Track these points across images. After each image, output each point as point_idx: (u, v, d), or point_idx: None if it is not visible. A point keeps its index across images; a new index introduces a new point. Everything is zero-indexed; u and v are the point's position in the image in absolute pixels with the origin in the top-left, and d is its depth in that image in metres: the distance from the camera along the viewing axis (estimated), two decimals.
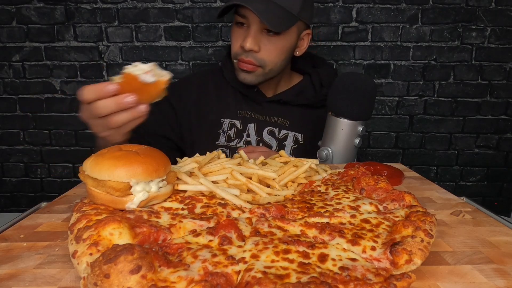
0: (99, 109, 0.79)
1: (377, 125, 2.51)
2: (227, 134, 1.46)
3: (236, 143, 1.45)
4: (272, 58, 1.34)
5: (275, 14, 1.24)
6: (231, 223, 0.59)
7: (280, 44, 1.33)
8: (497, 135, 2.51)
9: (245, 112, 1.48)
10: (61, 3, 2.33)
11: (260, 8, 1.21)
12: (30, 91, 2.47)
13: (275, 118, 1.48)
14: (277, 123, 1.47)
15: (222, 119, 1.47)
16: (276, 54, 1.34)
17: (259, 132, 1.47)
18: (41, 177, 2.61)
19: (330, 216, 0.66)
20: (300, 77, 1.55)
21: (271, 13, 1.23)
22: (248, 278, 0.46)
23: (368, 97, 1.19)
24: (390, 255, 0.52)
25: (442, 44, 2.38)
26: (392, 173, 0.96)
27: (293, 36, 1.35)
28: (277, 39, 1.31)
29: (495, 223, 0.72)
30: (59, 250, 0.61)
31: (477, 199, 1.14)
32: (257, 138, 1.46)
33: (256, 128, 1.47)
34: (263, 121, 1.47)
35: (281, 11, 1.26)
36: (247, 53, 1.31)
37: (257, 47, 1.30)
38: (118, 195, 0.66)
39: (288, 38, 1.34)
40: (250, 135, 1.46)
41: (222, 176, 0.79)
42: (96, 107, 0.79)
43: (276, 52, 1.33)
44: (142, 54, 2.42)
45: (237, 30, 1.34)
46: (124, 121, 0.80)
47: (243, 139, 1.46)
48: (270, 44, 1.31)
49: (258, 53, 1.31)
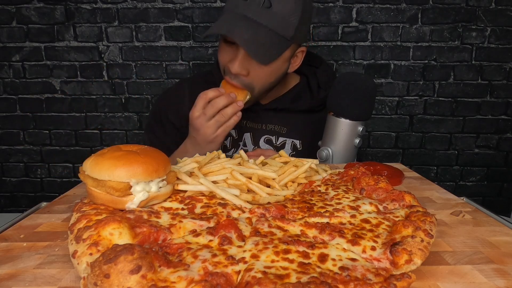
0: (216, 103, 1.15)
1: (377, 125, 2.51)
2: (223, 144, 1.40)
3: (232, 152, 1.42)
4: (261, 82, 1.25)
5: (263, 43, 1.14)
6: (231, 223, 0.59)
7: (270, 69, 1.23)
8: (497, 135, 2.51)
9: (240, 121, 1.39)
10: (61, 3, 2.33)
11: (246, 36, 1.11)
12: (30, 91, 2.47)
13: (271, 126, 1.42)
14: (274, 131, 1.42)
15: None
16: (266, 79, 1.25)
17: (256, 141, 1.41)
18: (41, 177, 2.61)
19: (330, 216, 0.66)
20: (297, 78, 1.49)
21: (258, 43, 1.13)
22: (248, 278, 0.46)
23: (368, 97, 1.19)
24: (390, 255, 0.52)
25: (442, 44, 2.38)
26: (392, 173, 0.96)
27: (285, 59, 1.26)
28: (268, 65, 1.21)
29: (495, 223, 0.72)
30: (59, 250, 0.61)
31: (477, 199, 1.14)
32: (254, 148, 1.41)
33: (253, 137, 1.41)
34: (260, 130, 1.41)
35: (272, 37, 1.15)
36: (233, 76, 1.22)
37: (245, 71, 1.20)
38: (118, 195, 0.66)
39: (280, 62, 1.24)
40: (247, 144, 1.42)
41: (222, 176, 0.79)
42: (215, 102, 1.16)
43: (265, 77, 1.24)
44: (142, 54, 2.42)
45: (225, 47, 1.24)
46: (231, 113, 1.17)
47: (239, 148, 1.41)
48: (259, 69, 1.21)
49: (246, 77, 1.22)
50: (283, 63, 1.27)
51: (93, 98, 2.48)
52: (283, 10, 1.14)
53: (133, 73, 2.45)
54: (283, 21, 1.15)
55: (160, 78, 2.46)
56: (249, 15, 1.13)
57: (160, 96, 1.56)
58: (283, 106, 1.41)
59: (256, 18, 1.13)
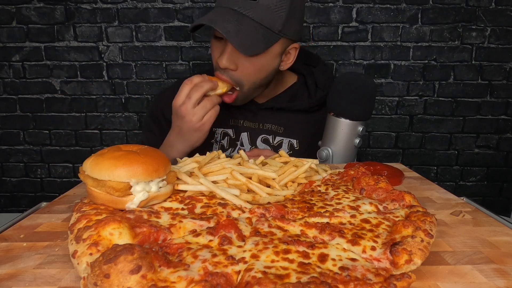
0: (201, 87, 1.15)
1: (377, 125, 2.51)
2: (220, 144, 1.41)
3: (230, 152, 1.41)
4: (250, 78, 1.24)
5: (249, 35, 1.13)
6: (231, 223, 0.59)
7: (259, 64, 1.21)
8: (497, 135, 2.51)
9: (237, 120, 1.41)
10: (61, 3, 2.33)
11: (230, 28, 1.11)
12: (30, 91, 2.47)
13: (269, 125, 1.41)
14: (271, 130, 1.42)
15: (214, 128, 1.41)
16: (255, 74, 1.23)
17: (253, 141, 1.41)
18: (41, 177, 2.61)
19: (330, 216, 0.66)
20: (294, 78, 1.48)
21: (243, 34, 1.12)
22: (248, 278, 0.46)
23: (368, 97, 1.19)
24: (390, 255, 0.52)
25: (442, 44, 2.38)
26: (392, 173, 0.96)
27: (274, 54, 1.23)
28: (256, 58, 1.19)
29: (495, 223, 0.72)
30: (59, 250, 0.61)
31: (477, 199, 1.14)
32: (251, 147, 1.41)
33: (250, 136, 1.41)
34: (257, 129, 1.41)
35: (258, 29, 1.14)
36: (223, 71, 1.22)
37: (233, 65, 1.20)
38: (118, 195, 0.65)
39: (269, 56, 1.22)
40: (244, 144, 1.42)
41: (222, 176, 0.79)
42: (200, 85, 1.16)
43: (254, 71, 1.22)
44: (142, 54, 2.42)
45: (215, 43, 1.24)
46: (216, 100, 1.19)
47: (237, 148, 1.41)
48: (248, 63, 1.20)
49: (235, 72, 1.21)
50: (273, 58, 1.24)
51: (93, 98, 2.48)
52: (269, 3, 1.14)
53: (133, 73, 2.45)
54: (269, 13, 1.14)
55: (160, 78, 2.46)
56: (234, 8, 1.14)
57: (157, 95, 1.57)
58: (280, 105, 1.40)
59: (242, 10, 1.14)
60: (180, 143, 1.23)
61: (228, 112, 1.41)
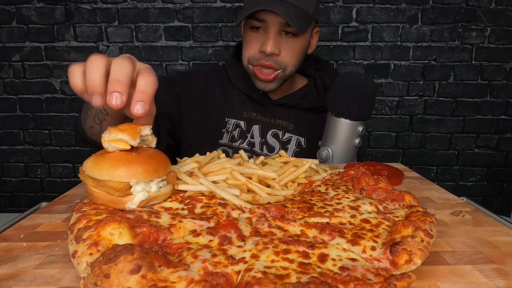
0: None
1: (377, 125, 2.51)
2: (231, 134, 1.46)
3: (239, 143, 1.45)
4: (292, 60, 1.34)
5: (296, 16, 1.25)
6: (231, 223, 0.59)
7: (299, 45, 1.33)
8: (497, 135, 2.51)
9: (250, 113, 1.48)
10: (61, 3, 2.34)
11: (283, 10, 1.21)
12: (30, 91, 2.47)
13: (280, 121, 1.48)
14: (282, 126, 1.48)
15: (227, 118, 1.47)
16: (295, 55, 1.35)
17: (263, 134, 1.47)
18: (41, 177, 2.61)
19: (330, 216, 0.66)
20: (305, 80, 1.56)
21: (292, 15, 1.23)
22: (248, 278, 0.46)
23: (368, 97, 1.19)
24: (390, 255, 0.52)
25: (442, 44, 2.38)
26: (392, 173, 0.96)
27: (308, 36, 1.37)
28: (296, 41, 1.32)
29: (495, 223, 0.72)
30: (59, 250, 0.61)
31: (477, 199, 1.14)
32: (261, 140, 1.46)
33: (261, 130, 1.47)
34: (268, 123, 1.47)
35: (299, 12, 1.26)
36: (268, 57, 1.31)
37: (277, 50, 1.30)
38: (118, 195, 0.65)
39: (304, 38, 1.34)
40: (254, 137, 1.46)
41: (222, 176, 0.79)
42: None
43: (295, 53, 1.34)
44: (142, 54, 2.42)
45: (253, 34, 1.33)
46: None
47: (247, 140, 1.46)
48: (289, 46, 1.31)
49: (279, 56, 1.31)
50: (307, 40, 1.38)
51: None
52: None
53: None
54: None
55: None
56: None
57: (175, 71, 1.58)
58: (291, 102, 1.47)
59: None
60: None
61: (243, 105, 1.47)
